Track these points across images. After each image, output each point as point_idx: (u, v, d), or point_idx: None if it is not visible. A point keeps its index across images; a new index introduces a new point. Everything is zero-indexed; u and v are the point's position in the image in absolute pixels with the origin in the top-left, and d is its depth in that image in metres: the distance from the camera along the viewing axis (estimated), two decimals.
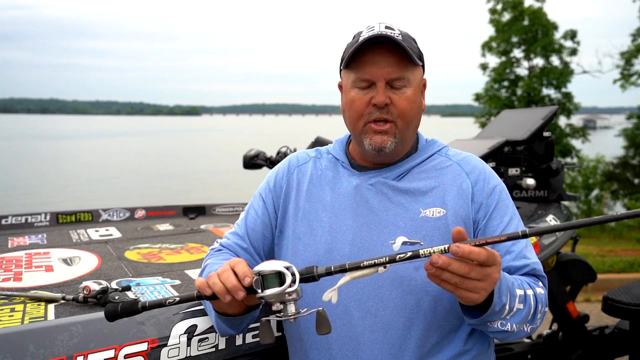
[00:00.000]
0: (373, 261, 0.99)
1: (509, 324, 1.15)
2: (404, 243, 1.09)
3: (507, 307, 1.12)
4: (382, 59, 1.24)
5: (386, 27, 1.26)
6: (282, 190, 1.41)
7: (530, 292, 1.20)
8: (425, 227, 1.24)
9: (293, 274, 1.04)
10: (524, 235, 0.96)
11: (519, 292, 1.16)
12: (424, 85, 1.36)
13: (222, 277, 1.09)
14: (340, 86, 1.38)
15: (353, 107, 1.28)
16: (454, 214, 1.25)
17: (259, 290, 1.05)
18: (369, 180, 1.32)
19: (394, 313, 1.22)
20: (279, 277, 1.04)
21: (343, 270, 1.00)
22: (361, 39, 1.24)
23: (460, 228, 1.01)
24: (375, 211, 1.28)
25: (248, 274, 1.06)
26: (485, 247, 0.99)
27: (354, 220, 1.28)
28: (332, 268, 1.01)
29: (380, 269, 1.00)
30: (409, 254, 0.98)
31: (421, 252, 0.97)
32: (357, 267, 1.00)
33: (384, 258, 0.99)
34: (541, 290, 1.25)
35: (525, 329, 1.20)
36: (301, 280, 1.02)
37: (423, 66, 1.33)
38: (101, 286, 1.51)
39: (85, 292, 1.49)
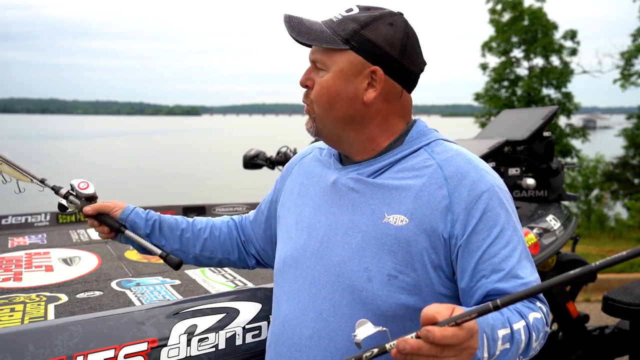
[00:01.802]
0: None
1: None
2: (367, 337, 0.92)
3: (486, 354, 0.97)
4: None
5: (346, 10, 1.21)
6: (285, 181, 1.42)
7: (519, 325, 1.05)
8: (384, 234, 1.13)
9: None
10: (495, 308, 0.81)
11: (503, 332, 1.00)
12: (374, 75, 1.17)
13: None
14: None
15: None
16: (417, 226, 1.11)
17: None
18: (346, 175, 1.23)
19: (343, 321, 1.15)
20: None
21: None
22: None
23: (430, 313, 0.86)
24: (345, 210, 1.20)
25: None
26: (461, 325, 0.85)
27: (326, 218, 1.23)
28: None
29: None
30: (375, 350, 0.87)
31: (387, 346, 0.87)
32: None
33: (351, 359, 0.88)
34: (536, 315, 1.10)
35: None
36: None
37: (369, 51, 1.17)
38: None
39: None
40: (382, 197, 1.17)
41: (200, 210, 3.12)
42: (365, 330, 0.93)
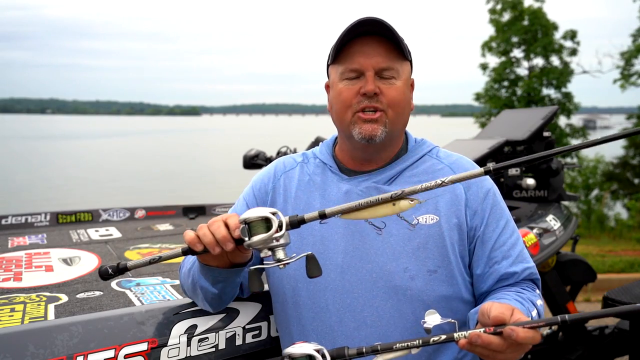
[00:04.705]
0: (406, 344, 0.95)
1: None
2: (436, 325, 1.02)
3: None
4: (371, 49, 1.23)
5: (371, 17, 1.23)
6: (268, 195, 1.37)
7: (534, 313, 1.18)
8: (419, 234, 1.22)
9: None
10: (563, 322, 0.91)
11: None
12: (412, 86, 1.32)
13: (212, 228, 1.09)
14: (327, 86, 1.35)
15: (341, 98, 1.25)
16: (447, 221, 1.23)
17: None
18: (359, 185, 1.28)
19: (390, 324, 1.20)
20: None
21: (375, 351, 0.97)
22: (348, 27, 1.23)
23: (497, 314, 0.96)
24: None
25: (239, 226, 1.06)
26: (535, 328, 0.95)
27: (345, 228, 1.25)
28: (364, 349, 0.97)
29: (414, 350, 0.96)
30: (443, 337, 0.95)
31: (455, 335, 0.95)
32: (390, 349, 0.96)
33: (417, 341, 0.95)
34: (540, 302, 1.24)
35: None
36: None
37: (411, 65, 1.31)
38: None
39: None
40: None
41: (200, 210, 3.12)
42: (434, 318, 1.02)
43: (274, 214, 1.04)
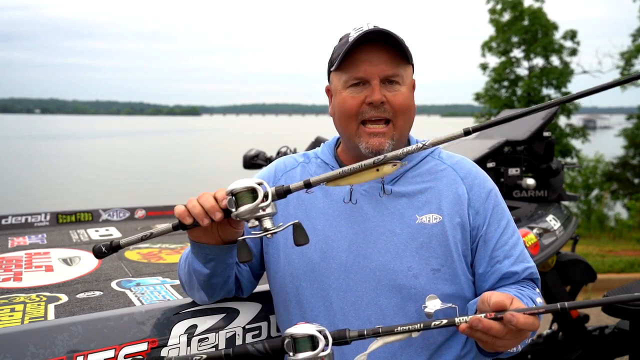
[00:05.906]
0: (407, 327, 0.97)
1: (515, 347, 1.12)
2: (437, 310, 1.04)
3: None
4: (375, 57, 1.22)
5: (374, 27, 1.23)
6: None
7: None
8: (422, 233, 1.23)
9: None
10: (563, 309, 0.93)
11: None
12: (414, 87, 1.32)
13: (201, 200, 1.13)
14: (327, 90, 1.34)
15: (345, 107, 1.24)
16: (450, 221, 1.24)
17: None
18: (362, 185, 1.27)
19: (394, 321, 1.21)
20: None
21: (376, 334, 0.98)
22: (351, 38, 1.21)
23: (498, 301, 0.98)
24: (371, 218, 1.25)
25: (226, 197, 1.09)
26: (535, 314, 0.97)
27: (349, 227, 1.25)
28: (365, 332, 0.99)
29: (414, 333, 0.98)
30: (444, 321, 0.96)
31: (456, 320, 0.96)
32: (391, 332, 0.98)
33: (419, 325, 0.97)
34: (539, 299, 1.25)
35: (527, 341, 1.19)
36: (333, 344, 0.98)
37: (412, 67, 1.31)
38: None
39: None
40: (408, 201, 1.25)
41: None
42: (435, 303, 1.04)
43: (260, 184, 1.07)
